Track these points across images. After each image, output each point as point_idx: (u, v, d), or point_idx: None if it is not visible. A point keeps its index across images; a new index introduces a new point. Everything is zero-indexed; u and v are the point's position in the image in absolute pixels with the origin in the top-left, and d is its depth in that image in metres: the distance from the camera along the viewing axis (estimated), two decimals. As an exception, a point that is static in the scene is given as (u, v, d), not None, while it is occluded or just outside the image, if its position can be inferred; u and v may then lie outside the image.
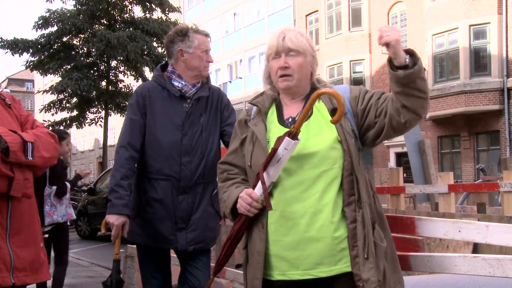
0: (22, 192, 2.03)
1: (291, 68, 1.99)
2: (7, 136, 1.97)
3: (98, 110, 20.95)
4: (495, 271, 2.01)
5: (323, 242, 1.85)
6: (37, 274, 2.11)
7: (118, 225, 2.65)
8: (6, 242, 2.01)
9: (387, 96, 1.94)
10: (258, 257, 1.92)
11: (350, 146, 1.90)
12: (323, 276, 1.86)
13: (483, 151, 18.91)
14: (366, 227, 1.86)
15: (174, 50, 2.82)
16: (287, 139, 1.84)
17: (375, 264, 1.84)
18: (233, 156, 2.12)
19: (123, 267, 4.98)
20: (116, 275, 2.72)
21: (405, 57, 1.81)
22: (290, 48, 1.99)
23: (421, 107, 1.85)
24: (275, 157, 1.86)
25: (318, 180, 1.88)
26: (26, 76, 62.40)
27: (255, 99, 2.12)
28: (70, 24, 18.98)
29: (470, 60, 18.35)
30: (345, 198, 1.88)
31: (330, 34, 23.89)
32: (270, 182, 1.90)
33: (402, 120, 1.86)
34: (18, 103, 2.27)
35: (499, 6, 17.91)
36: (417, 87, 1.80)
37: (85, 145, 49.25)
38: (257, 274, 1.92)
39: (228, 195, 2.03)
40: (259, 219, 1.94)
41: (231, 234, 1.99)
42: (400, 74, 1.78)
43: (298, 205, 1.88)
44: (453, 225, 2.14)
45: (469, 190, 8.61)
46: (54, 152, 2.18)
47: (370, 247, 1.84)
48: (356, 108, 1.98)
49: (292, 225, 1.88)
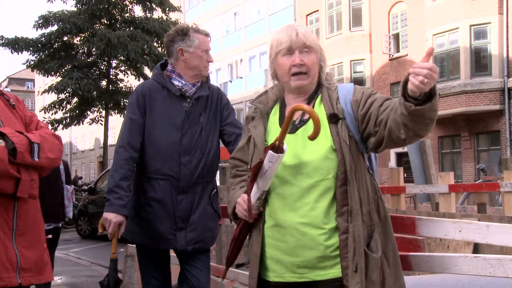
0: (28, 192, 2.03)
1: (307, 65, 1.92)
2: (14, 137, 1.97)
3: (99, 109, 20.95)
4: (495, 271, 2.01)
5: (316, 250, 1.85)
6: (41, 275, 2.12)
7: (115, 222, 2.64)
8: (12, 242, 2.01)
9: (389, 104, 1.83)
10: (254, 259, 1.96)
11: (345, 155, 1.85)
12: (318, 280, 1.86)
13: (483, 151, 18.91)
14: (356, 239, 1.82)
15: (174, 49, 2.82)
16: (270, 153, 1.82)
17: (362, 279, 1.80)
18: (241, 152, 2.12)
19: (123, 266, 4.98)
20: (114, 274, 2.71)
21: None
22: (306, 44, 1.92)
23: (425, 130, 1.74)
24: (262, 169, 1.86)
25: (311, 190, 1.86)
26: (26, 75, 62.39)
27: (258, 99, 2.09)
28: (71, 23, 18.98)
29: (470, 60, 18.34)
30: (338, 208, 1.86)
31: (330, 34, 23.89)
32: (261, 191, 1.91)
33: (402, 136, 1.76)
34: (22, 103, 2.27)
35: (499, 6, 17.90)
36: (426, 117, 1.67)
37: (86, 144, 49.27)
38: (253, 274, 1.97)
39: (232, 196, 2.06)
40: (257, 224, 1.96)
41: (234, 236, 2.03)
42: (410, 107, 1.64)
43: (290, 214, 1.87)
44: (454, 225, 2.13)
45: (469, 190, 8.61)
46: (58, 153, 2.19)
47: (359, 261, 1.81)
48: (357, 112, 1.91)
49: (285, 233, 1.88)
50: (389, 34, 22.19)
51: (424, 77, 1.57)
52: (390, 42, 22.19)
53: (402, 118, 1.70)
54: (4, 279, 1.96)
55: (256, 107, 2.07)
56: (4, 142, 1.96)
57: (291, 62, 1.92)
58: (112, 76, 20.76)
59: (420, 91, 1.61)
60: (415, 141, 1.83)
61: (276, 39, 1.97)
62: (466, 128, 19.03)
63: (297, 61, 1.91)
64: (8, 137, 1.96)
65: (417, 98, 1.64)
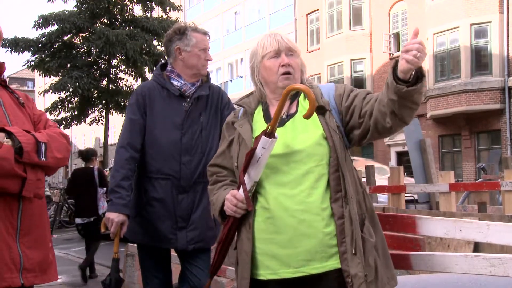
0: (34, 192, 2.02)
1: (292, 67, 2.01)
2: (21, 136, 1.97)
3: (100, 108, 20.94)
4: (496, 270, 2.01)
5: (315, 238, 1.86)
6: (45, 275, 2.11)
7: (117, 221, 2.65)
8: (16, 242, 2.00)
9: (371, 96, 1.94)
10: (245, 257, 1.94)
11: (335, 142, 1.91)
12: (314, 273, 1.86)
13: (484, 150, 18.91)
14: (353, 222, 1.86)
15: (172, 48, 2.82)
16: (264, 138, 1.85)
17: (362, 260, 1.84)
18: (221, 158, 2.13)
19: (124, 266, 4.98)
20: (115, 274, 2.71)
21: (411, 73, 1.77)
22: (291, 47, 2.02)
23: (410, 116, 1.85)
24: (254, 157, 1.87)
25: (306, 177, 1.89)
26: (27, 75, 62.37)
27: (242, 100, 2.14)
28: (71, 23, 18.97)
29: (471, 59, 18.34)
30: (332, 195, 1.89)
31: (331, 33, 23.88)
32: (253, 182, 1.91)
33: (387, 125, 1.85)
34: (31, 101, 2.26)
35: (500, 5, 17.89)
36: (414, 100, 1.78)
37: (86, 144, 49.22)
38: (244, 274, 1.94)
39: (216, 198, 2.05)
40: (246, 220, 1.95)
41: (222, 237, 2.01)
42: (402, 89, 1.74)
43: (287, 202, 1.88)
44: (454, 224, 2.13)
45: (470, 189, 8.59)
46: (66, 153, 2.17)
47: (358, 242, 1.85)
48: (341, 105, 1.99)
49: (282, 223, 1.88)
50: (389, 33, 22.19)
51: (417, 51, 1.68)
52: (390, 41, 22.18)
53: (390, 104, 1.80)
54: (7, 279, 1.96)
55: (236, 111, 2.16)
56: (11, 141, 1.95)
57: (279, 63, 2.00)
58: (112, 76, 20.75)
59: (415, 66, 1.71)
60: (400, 128, 1.91)
61: (261, 45, 2.06)
62: (466, 127, 19.02)
63: (286, 61, 2.00)
64: (15, 136, 1.96)
65: (407, 81, 1.75)
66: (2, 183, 1.92)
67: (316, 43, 25.31)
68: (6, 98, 2.13)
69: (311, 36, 25.99)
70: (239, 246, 2.00)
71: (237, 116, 2.13)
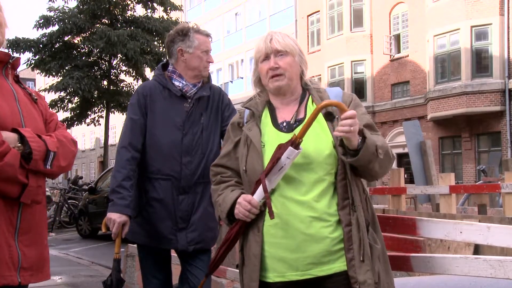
0: (32, 198, 2.00)
1: (282, 67, 2.00)
2: (33, 142, 1.94)
3: (101, 108, 20.94)
4: (496, 273, 2.01)
5: (323, 243, 1.87)
6: (41, 273, 2.11)
7: (119, 222, 2.65)
8: (15, 240, 2.00)
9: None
10: (254, 260, 1.94)
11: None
12: (321, 275, 1.88)
13: (484, 152, 18.92)
14: (361, 230, 1.88)
15: (175, 49, 2.82)
16: (290, 149, 1.86)
17: (371, 267, 1.85)
18: (226, 159, 2.12)
19: (124, 266, 4.98)
20: (117, 274, 2.71)
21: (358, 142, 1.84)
22: (278, 49, 2.00)
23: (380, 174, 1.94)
24: (277, 166, 1.87)
25: (316, 185, 1.91)
26: (27, 75, 62.34)
27: (248, 103, 2.13)
28: (71, 23, 18.97)
29: (471, 61, 18.35)
30: (340, 202, 1.91)
31: (331, 34, 23.90)
32: (270, 189, 1.91)
33: (363, 178, 1.96)
34: (43, 99, 2.23)
35: (500, 7, 17.90)
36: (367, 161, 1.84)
37: (86, 144, 49.28)
38: (253, 277, 1.94)
39: (223, 199, 2.04)
40: (255, 223, 1.96)
41: (228, 238, 2.01)
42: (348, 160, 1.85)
43: (296, 208, 1.89)
44: (454, 226, 2.13)
45: (470, 191, 8.60)
46: (71, 159, 2.15)
47: (366, 250, 1.86)
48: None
49: (291, 228, 1.89)
50: (390, 35, 22.20)
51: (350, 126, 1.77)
52: (391, 42, 22.20)
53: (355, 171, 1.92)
54: (6, 277, 1.95)
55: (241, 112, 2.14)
56: (21, 145, 1.93)
57: (268, 66, 2.02)
58: (113, 76, 20.74)
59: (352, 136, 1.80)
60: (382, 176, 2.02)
61: (256, 49, 2.07)
62: (466, 129, 19.03)
63: (272, 64, 2.01)
64: (27, 141, 1.93)
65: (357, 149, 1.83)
66: (2, 187, 1.90)
67: (317, 44, 25.32)
68: (20, 94, 2.09)
69: (312, 38, 26.01)
70: (246, 248, 2.00)
71: (243, 117, 2.12)
